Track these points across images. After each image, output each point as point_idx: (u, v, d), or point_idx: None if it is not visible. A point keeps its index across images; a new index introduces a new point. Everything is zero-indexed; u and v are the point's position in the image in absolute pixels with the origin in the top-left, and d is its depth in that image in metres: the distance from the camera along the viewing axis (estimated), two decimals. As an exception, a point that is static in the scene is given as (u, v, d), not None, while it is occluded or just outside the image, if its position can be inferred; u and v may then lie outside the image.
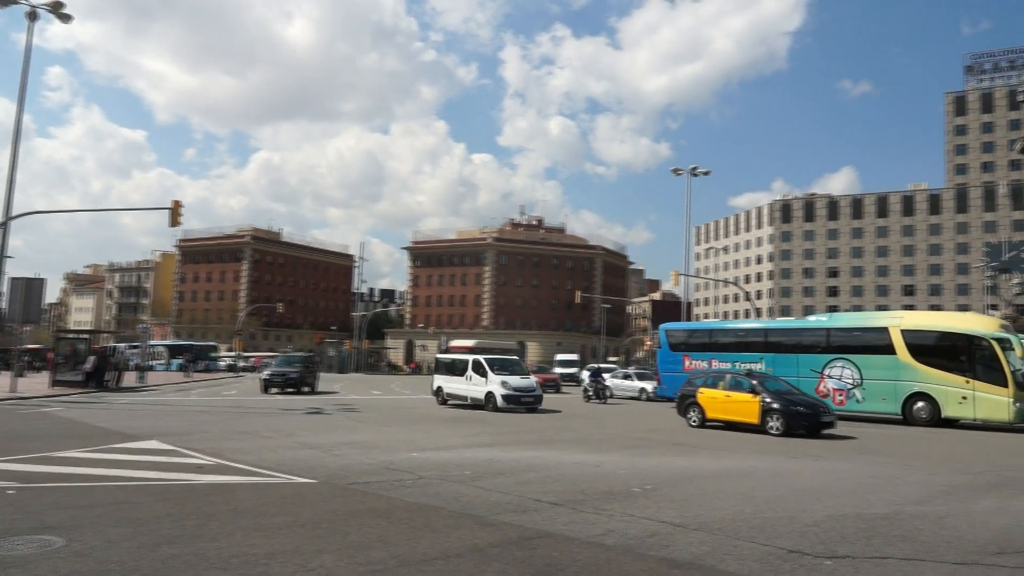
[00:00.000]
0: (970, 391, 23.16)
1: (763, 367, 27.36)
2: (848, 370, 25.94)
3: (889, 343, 25.24)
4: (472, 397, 27.40)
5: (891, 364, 24.93)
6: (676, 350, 31.41)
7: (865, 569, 6.44)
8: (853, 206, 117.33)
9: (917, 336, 25.03)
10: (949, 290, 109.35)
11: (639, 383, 38.14)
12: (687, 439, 17.99)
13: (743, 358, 28.44)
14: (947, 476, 12.46)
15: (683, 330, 33.98)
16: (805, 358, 27.14)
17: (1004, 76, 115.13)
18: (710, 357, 29.89)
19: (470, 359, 27.98)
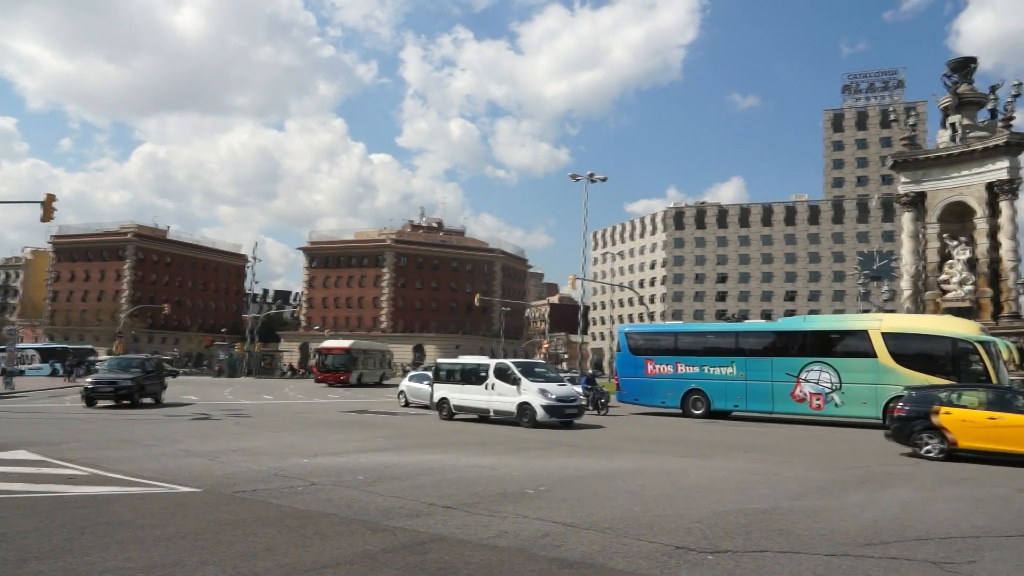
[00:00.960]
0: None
1: (734, 371, 26.90)
2: (826, 374, 25.16)
3: (869, 346, 24.65)
4: (497, 410, 22.78)
5: (872, 367, 24.29)
6: (637, 353, 29.89)
7: (744, 563, 6.73)
8: (741, 215, 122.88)
9: (899, 339, 24.46)
10: (827, 296, 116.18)
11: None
12: (580, 441, 18.31)
13: (713, 362, 27.68)
14: (822, 472, 13.20)
15: (645, 332, 32.55)
16: (780, 361, 26.21)
17: (878, 96, 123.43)
18: (676, 361, 28.61)
19: (491, 364, 23.72)
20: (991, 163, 39.52)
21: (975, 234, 40.16)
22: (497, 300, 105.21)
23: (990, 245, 39.62)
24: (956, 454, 15.11)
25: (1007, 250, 39.10)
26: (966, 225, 40.74)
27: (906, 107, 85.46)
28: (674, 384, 28.36)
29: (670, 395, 28.37)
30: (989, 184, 39.53)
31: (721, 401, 27.31)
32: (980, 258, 39.72)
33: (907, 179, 42.55)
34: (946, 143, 41.71)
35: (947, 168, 40.99)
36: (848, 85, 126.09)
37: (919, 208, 42.19)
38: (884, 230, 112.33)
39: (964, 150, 40.20)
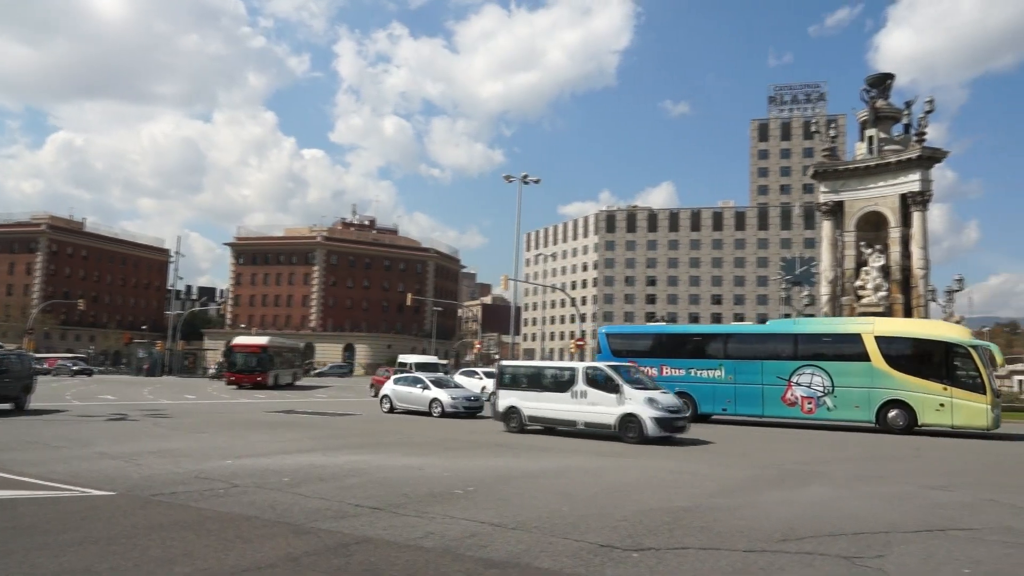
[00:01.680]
0: (948, 398, 22.95)
1: (723, 374, 26.47)
2: (818, 377, 25.00)
3: (863, 349, 24.61)
4: (591, 422, 19.38)
5: (865, 371, 24.29)
6: (619, 355, 28.58)
7: (667, 560, 6.88)
8: (670, 219, 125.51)
9: (892, 343, 24.59)
10: (751, 300, 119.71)
11: None
12: (509, 440, 18.38)
13: (700, 364, 27.17)
14: (741, 471, 13.59)
15: (628, 334, 31.56)
16: (771, 365, 25.91)
17: (801, 108, 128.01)
18: (661, 363, 27.89)
19: (579, 368, 20.44)
20: (905, 175, 41.37)
21: (889, 243, 41.99)
22: (430, 300, 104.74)
23: (902, 253, 41.49)
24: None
25: (918, 259, 41.03)
26: (881, 234, 42.55)
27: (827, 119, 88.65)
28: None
29: None
30: (903, 195, 41.39)
31: (709, 405, 26.80)
32: (893, 266, 41.55)
33: (827, 189, 44.18)
34: (864, 155, 43.49)
35: (864, 179, 42.74)
36: (774, 97, 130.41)
37: (838, 217, 43.87)
38: (806, 237, 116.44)
39: (880, 162, 41.99)
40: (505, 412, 21.12)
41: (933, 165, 41.35)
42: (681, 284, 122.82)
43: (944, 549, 7.60)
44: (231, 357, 49.36)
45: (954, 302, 41.68)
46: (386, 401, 28.01)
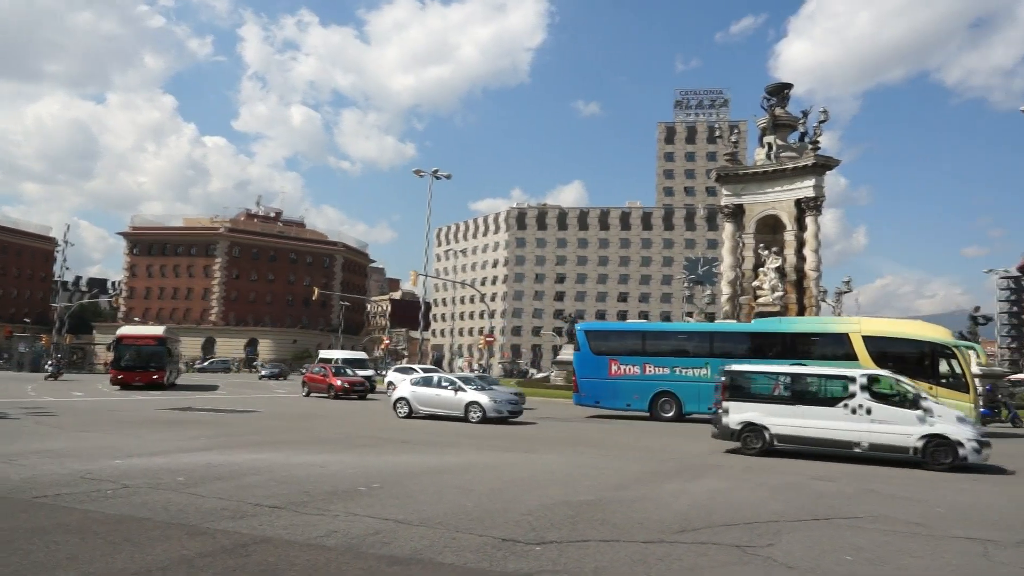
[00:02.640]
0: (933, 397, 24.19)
1: (709, 373, 25.75)
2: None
3: (850, 349, 24.89)
4: (878, 444, 15.38)
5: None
6: (600, 353, 28.27)
7: (569, 552, 7.00)
8: (580, 218, 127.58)
9: (879, 343, 24.88)
10: (656, 298, 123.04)
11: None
12: (413, 436, 18.28)
13: (685, 363, 26.86)
14: (640, 464, 13.97)
15: (609, 331, 30.96)
16: (756, 364, 25.66)
17: (706, 113, 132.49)
18: (644, 362, 27.40)
19: (857, 376, 16.25)
20: (800, 181, 43.40)
21: (785, 245, 43.99)
22: (337, 294, 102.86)
23: (797, 256, 43.56)
24: None
25: (811, 261, 43.16)
26: (778, 237, 44.52)
27: (730, 125, 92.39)
28: (642, 386, 27.21)
29: (636, 397, 27.12)
30: (798, 200, 43.42)
31: (694, 404, 26.40)
32: (788, 267, 43.56)
33: (729, 192, 45.89)
34: (762, 161, 45.38)
35: (763, 184, 44.61)
36: (680, 101, 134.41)
37: (739, 219, 45.63)
38: (708, 238, 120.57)
39: (778, 168, 43.91)
40: (743, 430, 16.54)
41: (826, 172, 43.56)
42: (589, 282, 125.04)
43: (828, 537, 8.04)
44: (118, 351, 40.08)
45: (842, 302, 44.04)
46: (403, 405, 24.12)
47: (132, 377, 39.05)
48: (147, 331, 44.03)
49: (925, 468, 14.76)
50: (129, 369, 39.21)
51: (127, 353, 39.73)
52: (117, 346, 40.33)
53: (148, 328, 46.84)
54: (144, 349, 39.96)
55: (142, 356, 39.62)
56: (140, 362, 39.45)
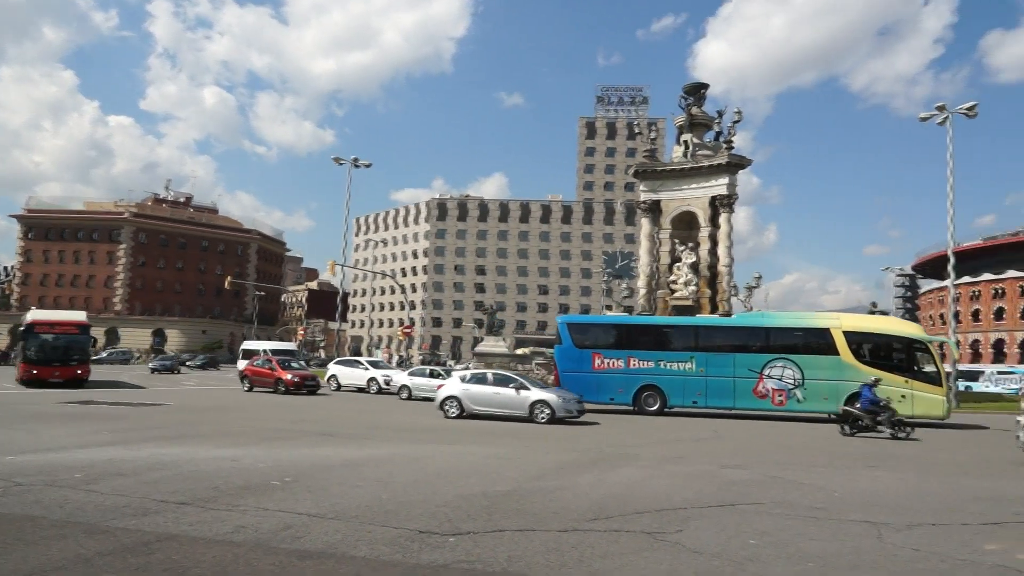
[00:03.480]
0: (909, 390, 24.39)
1: (694, 366, 26.42)
2: (789, 370, 25.71)
3: (832, 343, 25.63)
4: None
5: (834, 364, 25.32)
6: (583, 347, 28.08)
7: (484, 542, 7.02)
8: (501, 210, 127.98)
9: (859, 337, 25.85)
10: (575, 291, 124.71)
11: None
12: (334, 429, 17.99)
13: (670, 357, 26.97)
14: (560, 455, 14.14)
15: (592, 324, 30.78)
16: (742, 357, 26.28)
17: (626, 109, 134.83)
18: (628, 355, 27.40)
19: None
20: (714, 179, 44.70)
21: (699, 241, 45.26)
22: (251, 283, 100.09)
23: (711, 251, 44.89)
24: None
25: (724, 257, 44.55)
26: (693, 233, 45.76)
27: (649, 122, 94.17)
28: (626, 380, 27.21)
29: (621, 391, 27.13)
30: (712, 198, 44.71)
31: (679, 397, 26.66)
32: (702, 262, 44.85)
33: (647, 188, 46.85)
34: (679, 158, 46.51)
35: (680, 180, 45.74)
36: (601, 96, 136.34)
37: (656, 215, 46.67)
38: (627, 233, 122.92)
39: (693, 166, 45.09)
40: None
41: (739, 171, 45.00)
42: (510, 274, 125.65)
43: (734, 522, 8.33)
44: (29, 340, 33.35)
45: (752, 297, 45.58)
46: (452, 404, 22.45)
47: (49, 372, 32.60)
48: (66, 316, 37.09)
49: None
50: (44, 363, 32.76)
51: (41, 343, 33.21)
52: (28, 335, 33.53)
53: (67, 313, 39.23)
54: (62, 339, 33.61)
55: (61, 347, 33.42)
56: (58, 354, 33.20)
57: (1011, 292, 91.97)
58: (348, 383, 37.42)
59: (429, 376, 33.23)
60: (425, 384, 32.09)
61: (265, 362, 35.54)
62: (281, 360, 35.72)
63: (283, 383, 32.78)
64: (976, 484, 12.08)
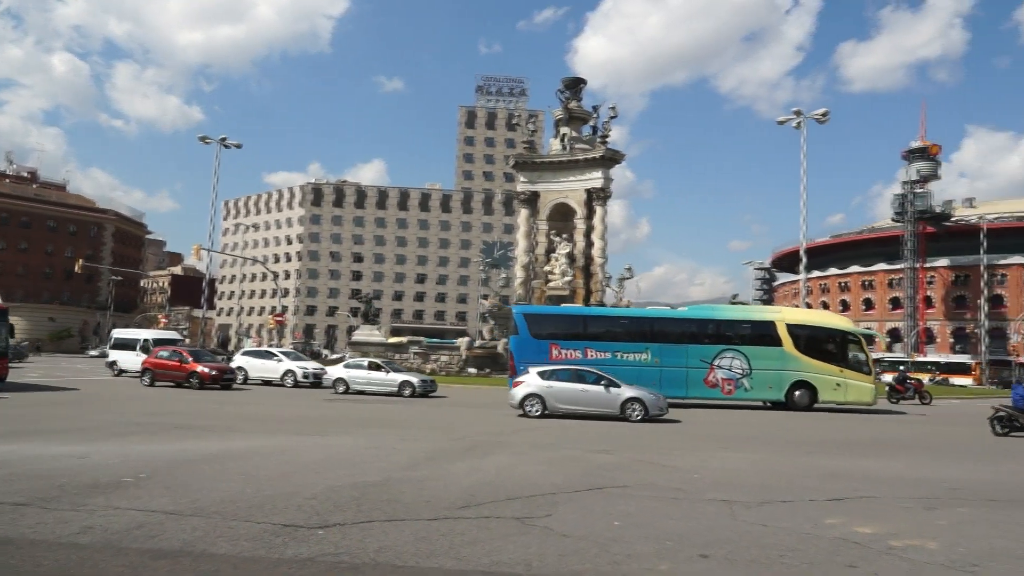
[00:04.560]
0: (842, 379, 26.67)
1: (649, 357, 27.06)
2: (738, 360, 26.97)
3: (776, 336, 27.24)
4: None
5: (778, 355, 26.97)
6: (540, 337, 27.98)
7: (352, 534, 6.90)
8: (379, 197, 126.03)
9: (800, 330, 27.57)
10: (453, 280, 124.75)
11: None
12: (195, 421, 17.16)
13: (627, 348, 27.45)
14: (432, 443, 14.10)
15: (549, 315, 30.82)
16: (694, 348, 27.25)
17: (506, 100, 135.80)
18: (585, 346, 27.65)
19: None
20: (590, 173, 45.84)
21: (575, 233, 46.35)
22: (106, 267, 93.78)
23: (586, 243, 46.08)
24: None
25: (598, 248, 45.82)
26: (569, 224, 46.78)
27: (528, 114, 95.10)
28: None
29: None
30: (588, 191, 45.86)
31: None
32: (578, 254, 46.00)
33: (525, 179, 47.44)
34: (557, 151, 47.36)
35: (557, 173, 46.61)
36: (481, 86, 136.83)
37: (534, 206, 47.35)
38: (505, 223, 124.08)
39: (570, 159, 46.06)
40: None
41: (613, 165, 46.35)
42: (387, 262, 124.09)
43: (601, 505, 8.59)
44: None
45: (624, 288, 47.25)
46: (534, 403, 21.08)
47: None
48: None
49: None
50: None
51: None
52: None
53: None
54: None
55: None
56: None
57: (855, 286, 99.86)
58: (258, 376, 33.59)
59: (369, 368, 30.28)
60: (365, 377, 29.76)
61: (173, 354, 31.24)
62: (192, 351, 32.77)
63: (198, 376, 29.02)
64: (824, 463, 13.04)
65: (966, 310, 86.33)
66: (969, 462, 14.01)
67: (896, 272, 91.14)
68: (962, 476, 11.92)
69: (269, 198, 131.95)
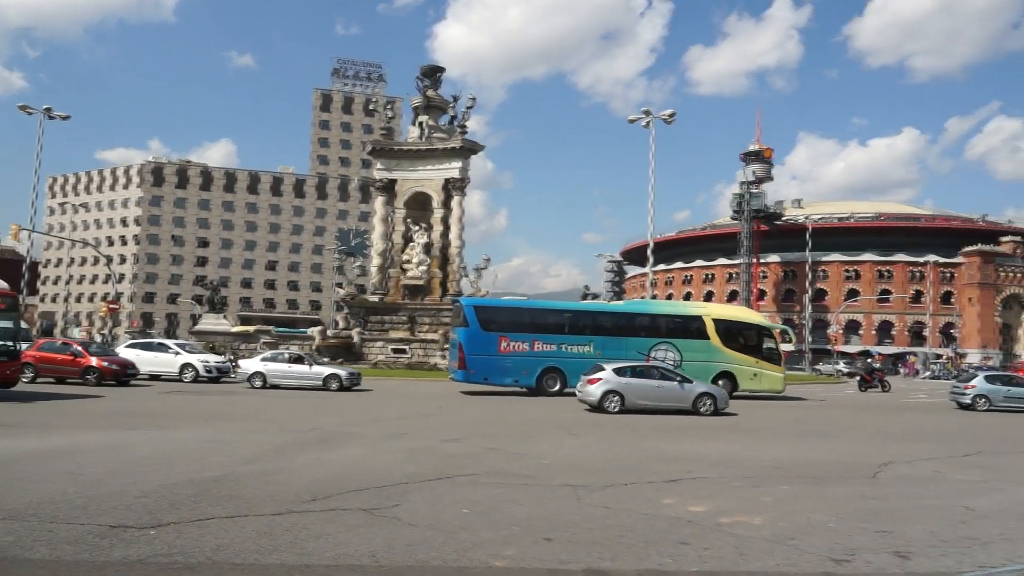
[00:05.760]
0: (759, 370, 28.96)
1: (592, 349, 27.85)
2: (671, 352, 28.32)
3: (704, 329, 29.08)
4: None
5: (705, 348, 28.72)
6: (489, 329, 27.89)
7: (188, 533, 6.55)
8: (227, 179, 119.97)
9: (723, 324, 29.51)
10: (307, 268, 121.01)
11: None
12: (14, 418, 15.67)
13: (572, 340, 28.25)
14: (279, 436, 13.64)
15: (498, 307, 30.75)
16: (633, 341, 28.34)
17: (363, 84, 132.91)
18: (533, 339, 27.98)
19: None
20: (448, 162, 45.83)
21: (432, 222, 46.21)
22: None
23: (443, 233, 46.05)
24: None
25: (455, 238, 45.93)
26: (426, 213, 46.58)
27: (386, 100, 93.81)
28: (530, 362, 27.79)
29: (525, 373, 27.73)
30: (446, 180, 45.83)
31: (577, 379, 26.79)
32: (435, 243, 45.89)
33: (382, 166, 46.74)
34: (415, 139, 46.98)
35: (415, 161, 46.25)
36: (338, 69, 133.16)
37: (391, 194, 46.75)
38: (362, 210, 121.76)
39: (429, 147, 45.83)
40: None
41: (472, 156, 46.58)
42: (235, 248, 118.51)
43: (450, 494, 8.64)
44: None
45: (481, 278, 47.61)
46: (613, 399, 21.03)
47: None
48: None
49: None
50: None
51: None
52: None
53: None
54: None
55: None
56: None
57: (697, 279, 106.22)
58: (150, 371, 29.87)
59: (290, 362, 28.27)
60: (285, 371, 27.66)
61: (63, 346, 27.63)
62: (83, 343, 29.39)
63: (97, 371, 25.65)
64: (667, 447, 13.78)
65: (794, 303, 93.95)
66: (798, 442, 15.27)
67: (734, 267, 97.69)
68: (787, 455, 12.97)
69: (103, 176, 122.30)
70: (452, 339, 30.15)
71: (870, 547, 6.83)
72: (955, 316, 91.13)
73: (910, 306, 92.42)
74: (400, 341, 42.89)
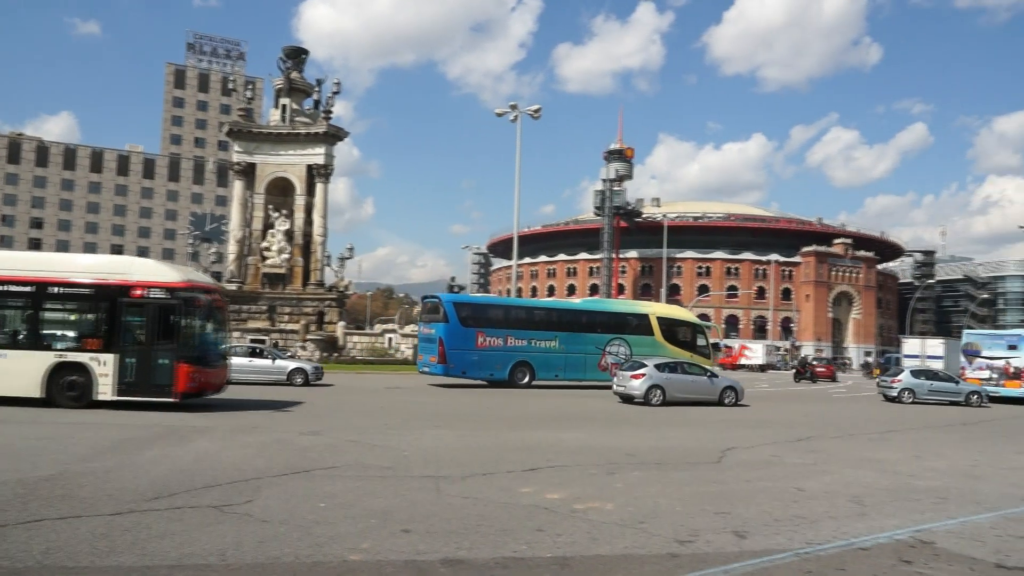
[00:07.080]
0: (691, 361, 29.74)
1: (557, 344, 29.98)
2: (623, 348, 30.84)
3: (650, 327, 31.97)
4: None
5: (651, 343, 31.23)
6: (468, 325, 29.02)
7: (14, 536, 6.07)
8: (66, 156, 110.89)
9: (665, 322, 32.57)
10: (156, 254, 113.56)
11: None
12: None
13: (540, 336, 30.05)
14: (116, 432, 12.74)
15: (475, 304, 33.33)
16: (591, 337, 30.90)
17: (221, 62, 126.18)
18: (507, 334, 29.50)
19: None
20: (312, 148, 44.49)
21: (295, 209, 44.74)
22: None
23: (306, 220, 44.69)
24: None
25: (318, 226, 44.71)
26: (288, 200, 45.02)
27: (246, 80, 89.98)
28: (504, 356, 29.20)
29: (499, 367, 29.09)
30: (309, 166, 44.48)
31: (544, 372, 29.79)
32: (297, 231, 44.45)
33: (241, 149, 44.71)
34: (277, 122, 45.28)
35: (277, 145, 44.55)
36: (193, 44, 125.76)
37: (250, 178, 44.82)
38: (218, 194, 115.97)
39: (291, 132, 44.30)
40: None
41: (336, 142, 45.44)
42: (75, 230, 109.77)
43: (306, 488, 8.46)
44: (186, 320, 16.86)
45: (345, 267, 46.60)
46: (656, 393, 22.56)
47: (211, 377, 17.44)
48: (206, 277, 22.98)
49: None
50: (206, 362, 17.17)
51: (205, 327, 17.49)
52: (185, 309, 16.68)
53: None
54: (219, 317, 18.57)
55: (220, 334, 18.66)
56: (218, 347, 18.34)
57: (561, 272, 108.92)
58: None
59: (249, 355, 26.07)
60: (245, 365, 24.76)
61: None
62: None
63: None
64: (528, 436, 14.08)
65: (650, 297, 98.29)
66: (651, 431, 16.02)
67: (595, 261, 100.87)
68: (640, 444, 13.60)
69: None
70: (426, 334, 30.69)
71: (711, 528, 7.31)
72: (793, 311, 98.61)
73: (755, 301, 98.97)
74: (259, 331, 41.31)
